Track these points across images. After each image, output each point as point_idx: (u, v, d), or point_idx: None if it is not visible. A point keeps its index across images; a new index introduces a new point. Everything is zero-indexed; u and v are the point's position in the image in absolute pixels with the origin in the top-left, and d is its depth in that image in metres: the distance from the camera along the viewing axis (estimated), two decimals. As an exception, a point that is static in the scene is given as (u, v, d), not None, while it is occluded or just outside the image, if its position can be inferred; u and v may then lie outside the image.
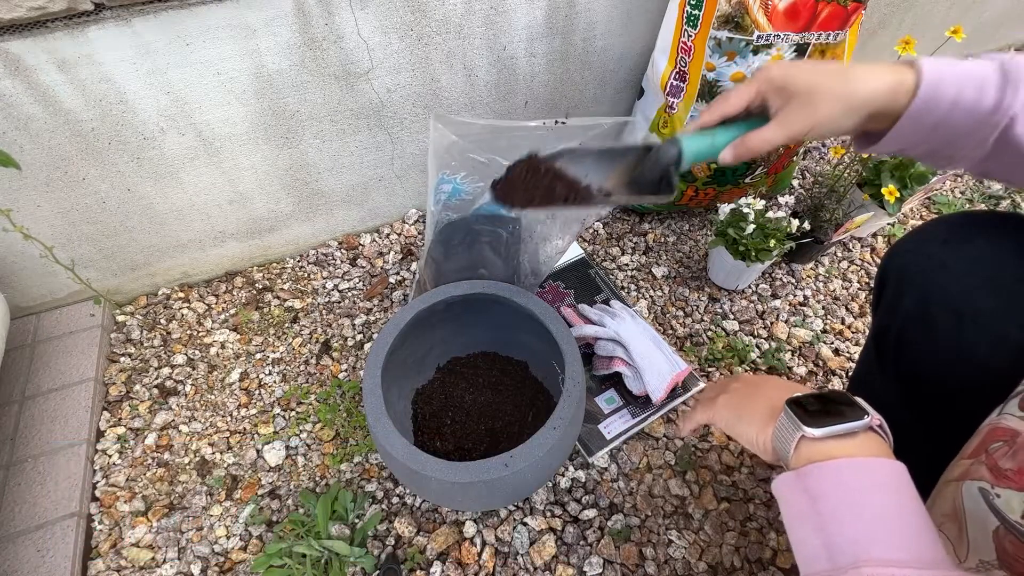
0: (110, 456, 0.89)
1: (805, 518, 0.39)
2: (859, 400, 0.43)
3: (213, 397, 0.96)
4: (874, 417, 0.41)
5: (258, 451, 0.89)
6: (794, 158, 1.16)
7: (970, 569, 0.42)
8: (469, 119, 0.84)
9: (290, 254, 1.17)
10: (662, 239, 1.18)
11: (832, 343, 1.01)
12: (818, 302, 1.07)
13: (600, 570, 0.76)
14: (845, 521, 0.37)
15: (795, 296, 1.08)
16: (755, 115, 0.50)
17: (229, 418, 0.93)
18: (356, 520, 0.81)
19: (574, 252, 1.13)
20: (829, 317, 1.05)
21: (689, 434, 0.61)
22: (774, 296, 1.08)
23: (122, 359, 1.01)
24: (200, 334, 1.04)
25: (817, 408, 0.42)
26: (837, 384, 0.95)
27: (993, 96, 0.42)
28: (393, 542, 0.79)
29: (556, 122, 0.87)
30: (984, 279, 0.49)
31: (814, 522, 0.39)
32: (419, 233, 1.20)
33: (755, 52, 0.89)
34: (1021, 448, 0.39)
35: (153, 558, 0.79)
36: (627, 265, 1.14)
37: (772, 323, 1.03)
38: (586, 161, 0.59)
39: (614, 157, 0.59)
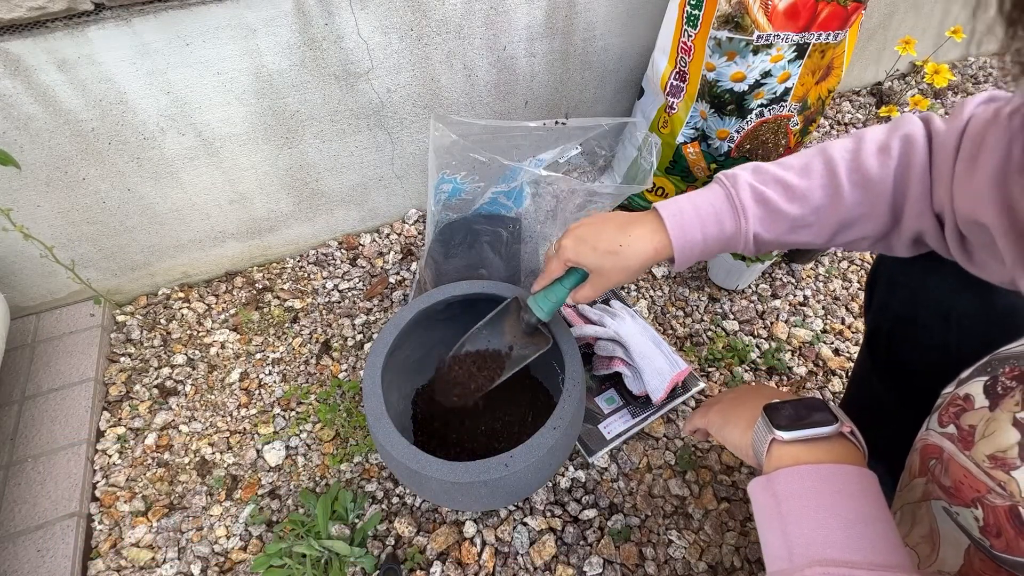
0: (110, 456, 0.89)
1: (771, 519, 0.41)
2: (832, 406, 0.45)
3: (213, 397, 0.96)
4: (844, 424, 0.43)
5: (258, 451, 0.89)
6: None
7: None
8: (469, 119, 0.84)
9: (290, 254, 1.17)
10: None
11: (832, 343, 1.01)
12: (818, 302, 1.07)
13: (600, 570, 0.76)
14: (804, 523, 0.39)
15: (795, 296, 1.08)
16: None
17: (229, 418, 0.93)
18: (356, 520, 0.81)
19: (574, 252, 1.13)
20: (829, 317, 1.05)
21: (688, 435, 0.63)
22: (774, 296, 1.08)
23: (122, 359, 1.01)
24: (200, 334, 1.04)
25: (790, 413, 0.44)
26: (837, 384, 0.95)
27: (730, 225, 0.52)
28: (393, 542, 0.79)
29: (556, 122, 0.87)
30: (971, 283, 0.49)
31: (778, 523, 0.41)
32: (419, 233, 1.20)
33: (755, 52, 0.90)
34: (949, 464, 0.40)
35: (153, 558, 0.79)
36: (627, 265, 1.13)
37: (772, 323, 1.03)
38: (483, 334, 0.72)
39: (499, 319, 0.71)
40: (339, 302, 1.09)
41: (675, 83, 1.01)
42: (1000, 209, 0.37)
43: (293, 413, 0.94)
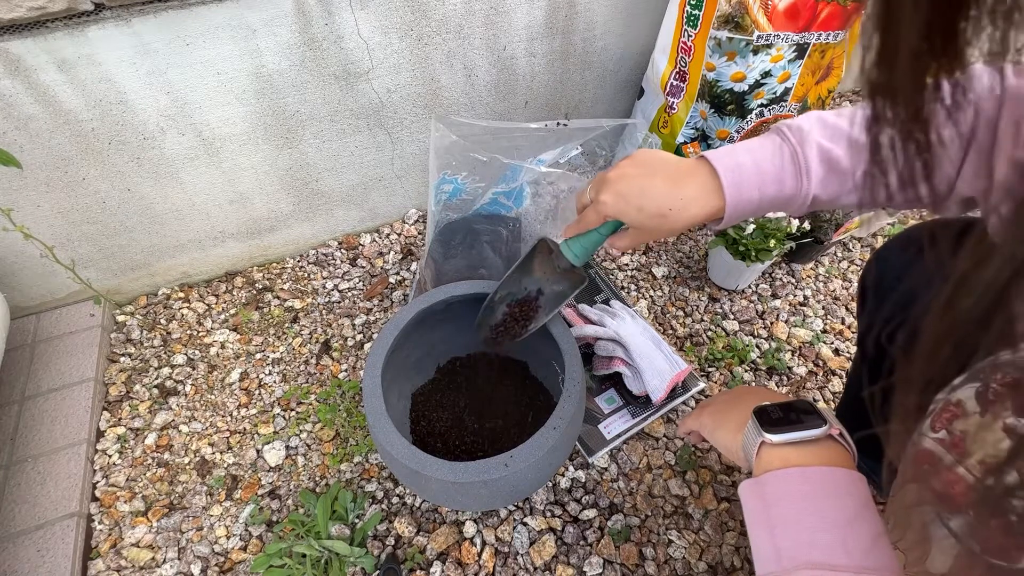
0: (110, 456, 0.89)
1: (760, 522, 0.42)
2: (821, 409, 0.45)
3: (213, 397, 0.96)
4: (833, 426, 0.43)
5: (258, 451, 0.89)
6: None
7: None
8: (470, 120, 0.84)
9: (290, 254, 1.17)
10: (662, 239, 1.18)
11: (832, 343, 1.01)
12: (818, 302, 1.07)
13: (600, 570, 0.76)
14: (791, 526, 0.40)
15: (795, 296, 1.08)
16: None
17: (229, 418, 0.93)
18: (356, 520, 0.81)
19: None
20: (829, 317, 1.05)
21: (683, 436, 0.63)
22: (774, 296, 1.08)
23: (122, 359, 1.01)
24: (200, 334, 1.04)
25: (780, 416, 0.45)
26: (837, 384, 0.95)
27: (791, 186, 0.48)
28: (393, 542, 0.79)
29: (557, 123, 0.87)
30: None
31: (766, 526, 0.41)
32: (419, 233, 1.20)
33: (755, 52, 0.90)
34: (940, 469, 0.40)
35: (153, 558, 0.79)
36: (627, 265, 1.14)
37: (772, 323, 1.03)
38: (513, 277, 0.71)
39: (528, 262, 0.70)
40: (339, 302, 1.09)
41: (675, 83, 1.01)
42: None
43: (293, 413, 0.94)
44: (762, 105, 0.98)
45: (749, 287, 1.09)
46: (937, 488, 0.40)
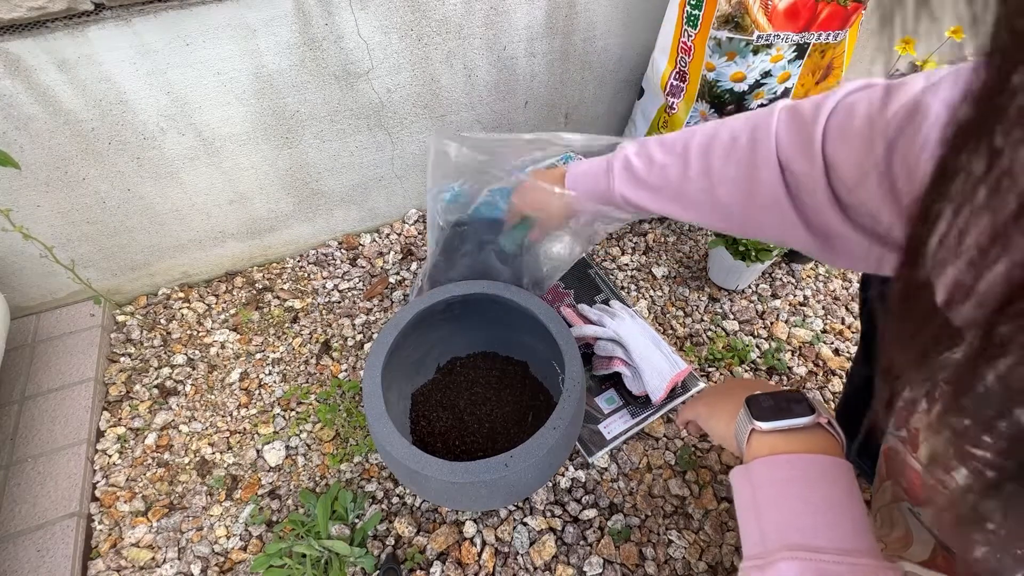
0: (110, 456, 0.89)
1: (748, 506, 0.44)
2: (811, 399, 0.47)
3: (213, 397, 0.96)
4: (821, 415, 0.45)
5: (258, 451, 0.89)
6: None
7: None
8: (470, 134, 0.83)
9: (290, 254, 1.17)
10: (662, 239, 1.18)
11: (832, 343, 1.01)
12: (818, 302, 1.07)
13: (600, 570, 0.76)
14: (777, 510, 0.41)
15: (795, 296, 1.08)
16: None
17: (229, 418, 0.93)
18: (356, 520, 0.81)
19: (574, 252, 1.13)
20: (829, 317, 1.05)
21: (681, 427, 0.64)
22: (774, 296, 1.08)
23: (122, 359, 1.01)
24: (200, 334, 1.04)
25: (770, 405, 0.46)
26: (837, 384, 0.95)
27: (604, 186, 0.60)
28: (393, 542, 0.79)
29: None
30: None
31: (753, 510, 0.43)
32: (419, 233, 1.20)
33: (755, 52, 0.90)
34: (903, 466, 0.41)
35: (153, 558, 0.79)
36: (627, 265, 1.13)
37: (772, 323, 1.03)
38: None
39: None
40: (339, 302, 1.09)
41: (675, 83, 1.01)
42: (889, 198, 0.38)
43: (293, 413, 0.94)
44: (762, 105, 0.98)
45: (749, 287, 1.09)
46: (903, 484, 0.41)
